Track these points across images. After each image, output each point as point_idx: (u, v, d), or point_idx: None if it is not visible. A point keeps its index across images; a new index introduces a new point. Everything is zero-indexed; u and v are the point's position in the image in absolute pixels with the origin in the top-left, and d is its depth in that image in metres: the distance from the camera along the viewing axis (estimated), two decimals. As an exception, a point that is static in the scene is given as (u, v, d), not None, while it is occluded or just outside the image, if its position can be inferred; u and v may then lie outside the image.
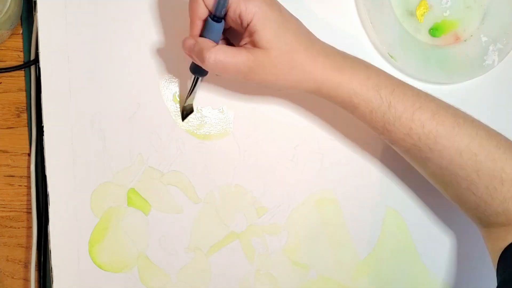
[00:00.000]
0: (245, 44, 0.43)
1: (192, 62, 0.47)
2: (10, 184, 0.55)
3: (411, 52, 0.52)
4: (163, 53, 0.52)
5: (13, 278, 0.55)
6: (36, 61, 0.52)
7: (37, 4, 0.51)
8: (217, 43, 0.43)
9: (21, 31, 0.54)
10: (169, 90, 0.52)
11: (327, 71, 0.43)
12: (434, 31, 0.53)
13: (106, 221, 0.53)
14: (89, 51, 0.52)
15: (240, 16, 0.41)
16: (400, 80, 0.45)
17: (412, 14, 0.53)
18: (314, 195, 0.54)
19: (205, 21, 0.43)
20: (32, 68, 0.54)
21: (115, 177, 0.53)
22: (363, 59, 0.52)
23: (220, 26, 0.43)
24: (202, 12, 0.42)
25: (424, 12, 0.53)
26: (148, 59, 0.52)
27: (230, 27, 0.45)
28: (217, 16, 0.42)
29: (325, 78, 0.43)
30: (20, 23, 0.54)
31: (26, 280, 0.55)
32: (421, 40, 0.53)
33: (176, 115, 0.52)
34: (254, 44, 0.42)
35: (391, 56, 0.52)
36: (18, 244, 0.55)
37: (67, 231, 0.52)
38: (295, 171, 0.54)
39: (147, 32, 0.52)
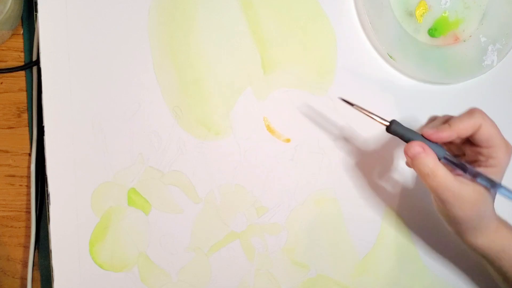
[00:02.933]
0: (458, 172, 0.44)
1: (393, 124, 0.45)
2: (11, 184, 0.55)
3: (411, 52, 0.52)
4: (163, 53, 0.52)
5: (13, 277, 0.56)
6: (38, 62, 0.52)
7: (37, 4, 0.51)
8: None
9: (21, 31, 0.54)
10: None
11: (490, 229, 0.46)
12: (433, 32, 0.53)
13: (106, 220, 0.53)
14: (89, 51, 0.52)
15: (488, 158, 0.44)
16: None
17: (411, 14, 0.53)
18: (314, 195, 0.54)
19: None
20: (34, 68, 0.54)
21: (115, 177, 0.53)
22: (363, 59, 0.53)
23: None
24: (467, 132, 0.44)
25: (424, 13, 0.53)
26: (149, 59, 0.52)
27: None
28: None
29: (486, 234, 0.46)
30: (20, 23, 0.54)
31: (27, 279, 0.55)
32: (421, 40, 0.53)
33: (175, 116, 0.52)
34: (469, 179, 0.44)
35: (391, 57, 0.52)
36: (19, 244, 0.55)
37: (67, 230, 0.52)
38: (295, 171, 0.54)
39: (148, 32, 0.52)
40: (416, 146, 0.44)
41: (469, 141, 0.45)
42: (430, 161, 0.43)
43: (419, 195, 0.55)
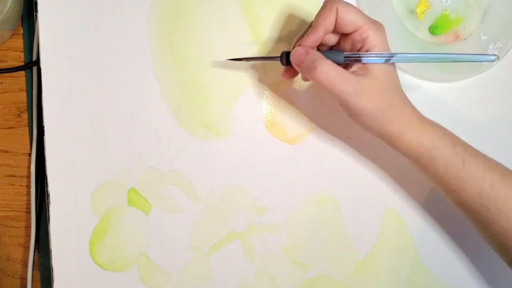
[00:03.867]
0: (353, 70, 0.43)
1: (283, 54, 0.46)
2: (11, 184, 0.55)
3: (411, 49, 0.52)
4: (163, 53, 0.52)
5: (13, 277, 0.56)
6: (38, 62, 0.52)
7: (37, 4, 0.51)
8: None
9: (21, 31, 0.54)
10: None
11: (413, 120, 0.44)
12: (434, 29, 0.53)
13: (106, 220, 0.53)
14: (89, 51, 0.52)
15: (363, 41, 0.43)
16: (466, 142, 0.45)
17: (412, 12, 0.53)
18: (314, 195, 0.54)
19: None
20: (34, 68, 0.54)
21: (115, 177, 0.53)
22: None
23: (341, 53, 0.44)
24: (331, 23, 0.43)
25: (424, 10, 0.53)
26: (149, 59, 0.52)
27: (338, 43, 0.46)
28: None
29: (411, 125, 0.44)
30: (21, 23, 0.54)
31: (27, 279, 0.55)
32: (421, 38, 0.53)
33: (174, 115, 0.52)
34: (363, 70, 0.43)
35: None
36: (19, 244, 0.56)
37: (67, 230, 0.52)
38: (295, 171, 0.54)
39: (148, 32, 0.52)
40: (298, 49, 0.43)
41: (343, 35, 0.44)
42: (315, 57, 0.42)
43: (420, 195, 0.54)
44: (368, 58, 0.42)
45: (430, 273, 0.55)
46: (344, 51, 0.45)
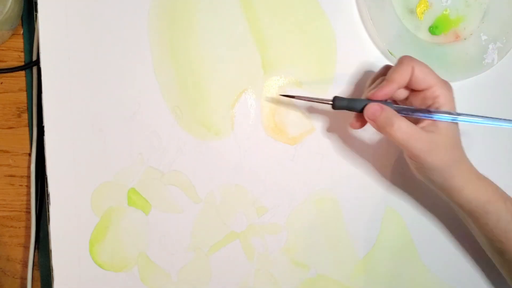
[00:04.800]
0: (423, 125, 0.45)
1: (335, 100, 0.47)
2: (11, 184, 0.55)
3: (411, 49, 0.52)
4: (163, 53, 0.52)
5: (13, 277, 0.56)
6: (38, 62, 0.52)
7: (37, 4, 0.51)
8: None
9: (21, 31, 0.54)
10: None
11: (472, 175, 0.46)
12: (434, 29, 0.53)
13: (106, 220, 0.53)
14: (89, 51, 0.52)
15: (434, 98, 0.44)
16: None
17: (412, 11, 0.53)
18: (314, 195, 0.54)
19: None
20: (34, 68, 0.54)
21: (115, 177, 0.53)
22: (364, 56, 0.53)
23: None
24: (405, 80, 0.45)
25: (424, 10, 0.53)
26: (149, 59, 0.52)
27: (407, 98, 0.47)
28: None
29: (471, 180, 0.46)
30: (20, 23, 0.54)
31: (27, 279, 0.55)
32: (421, 38, 0.53)
33: (174, 116, 0.52)
34: (433, 126, 0.44)
35: (391, 53, 0.52)
36: (19, 244, 0.56)
37: (67, 230, 0.52)
38: (295, 171, 0.54)
39: (147, 32, 0.52)
40: (373, 106, 0.45)
41: (413, 91, 0.46)
42: (390, 114, 0.44)
43: (420, 195, 0.54)
44: (440, 115, 0.44)
45: (430, 273, 0.55)
46: (412, 106, 0.47)
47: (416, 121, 0.45)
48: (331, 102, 0.46)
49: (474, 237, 0.51)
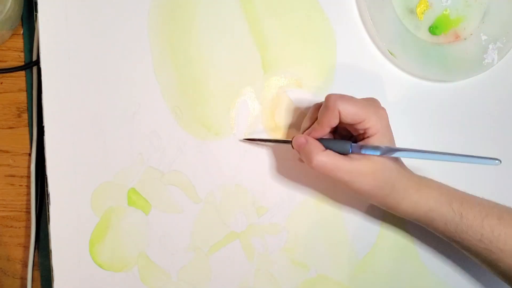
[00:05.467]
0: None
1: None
2: (11, 184, 0.55)
3: (411, 49, 0.52)
4: (163, 53, 0.52)
5: (13, 277, 0.56)
6: (38, 62, 0.52)
7: (37, 4, 0.51)
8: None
9: (21, 31, 0.54)
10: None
11: (409, 191, 0.47)
12: (434, 29, 0.53)
13: (106, 220, 0.53)
14: (89, 51, 0.52)
15: (365, 130, 0.46)
16: (464, 192, 0.49)
17: (412, 11, 0.53)
18: (314, 195, 0.54)
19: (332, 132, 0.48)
20: (34, 68, 0.54)
21: (115, 177, 0.53)
22: (363, 56, 0.52)
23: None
24: (335, 122, 0.46)
25: (425, 10, 0.53)
26: (149, 59, 0.52)
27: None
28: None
29: (406, 196, 0.47)
30: (21, 23, 0.54)
31: (27, 279, 0.55)
32: (421, 37, 0.53)
33: (175, 116, 0.52)
34: (359, 154, 0.46)
35: (391, 53, 0.52)
36: (19, 244, 0.56)
37: (67, 230, 0.52)
38: (295, 171, 0.54)
39: (148, 32, 0.52)
40: (299, 138, 0.47)
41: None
42: (312, 147, 0.45)
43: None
44: (367, 149, 0.45)
45: (430, 273, 0.55)
46: (350, 133, 0.48)
47: None
48: (290, 143, 0.48)
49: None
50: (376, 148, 0.45)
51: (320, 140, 0.47)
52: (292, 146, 0.48)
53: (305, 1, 0.53)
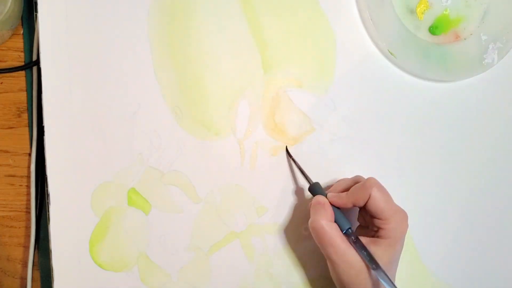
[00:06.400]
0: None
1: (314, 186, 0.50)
2: (11, 184, 0.55)
3: (411, 49, 0.52)
4: (163, 53, 0.52)
5: (13, 277, 0.56)
6: (38, 62, 0.52)
7: (37, 4, 0.51)
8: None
9: (21, 31, 0.54)
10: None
11: None
12: (434, 29, 0.53)
13: (106, 220, 0.53)
14: (89, 51, 0.52)
15: (381, 229, 0.45)
16: None
17: (412, 11, 0.53)
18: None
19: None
20: (34, 68, 0.54)
21: (115, 176, 0.53)
22: (363, 56, 0.52)
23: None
24: (359, 203, 0.46)
25: (424, 10, 0.53)
26: (149, 59, 0.52)
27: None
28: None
29: None
30: (20, 23, 0.54)
31: (27, 279, 0.55)
32: (421, 37, 0.53)
33: (175, 116, 0.52)
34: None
35: (391, 53, 0.52)
36: (19, 244, 0.55)
37: (67, 230, 0.52)
38: (295, 171, 0.54)
39: (148, 32, 0.52)
40: (321, 198, 0.47)
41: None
42: (325, 214, 0.46)
43: (419, 194, 0.54)
44: (360, 248, 0.45)
45: (430, 273, 0.55)
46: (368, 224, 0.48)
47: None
48: (310, 183, 0.50)
49: (474, 237, 0.51)
50: (371, 261, 0.44)
51: (335, 207, 0.47)
52: (311, 193, 0.49)
53: (305, 1, 0.53)
